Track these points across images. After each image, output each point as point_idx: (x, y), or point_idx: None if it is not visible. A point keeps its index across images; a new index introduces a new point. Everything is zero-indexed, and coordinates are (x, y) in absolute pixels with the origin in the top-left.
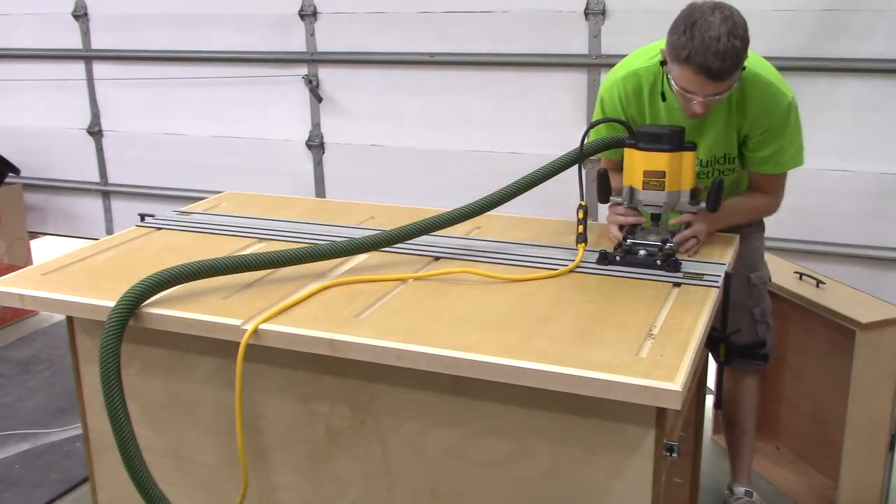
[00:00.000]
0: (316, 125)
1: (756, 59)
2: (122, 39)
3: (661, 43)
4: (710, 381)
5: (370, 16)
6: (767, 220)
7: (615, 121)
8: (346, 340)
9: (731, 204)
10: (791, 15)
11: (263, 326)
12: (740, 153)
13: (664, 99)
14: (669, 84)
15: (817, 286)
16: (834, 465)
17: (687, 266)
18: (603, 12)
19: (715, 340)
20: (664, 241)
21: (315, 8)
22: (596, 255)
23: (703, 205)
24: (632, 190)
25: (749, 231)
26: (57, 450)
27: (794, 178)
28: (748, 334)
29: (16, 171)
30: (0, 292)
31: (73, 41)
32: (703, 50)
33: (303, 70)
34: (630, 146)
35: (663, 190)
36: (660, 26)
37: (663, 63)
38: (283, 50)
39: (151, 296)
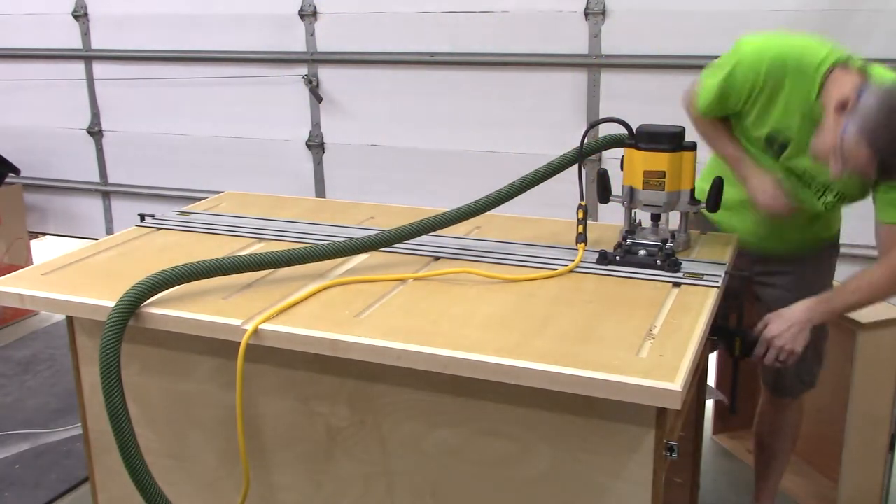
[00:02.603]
0: (316, 125)
1: None
2: (122, 39)
3: (831, 49)
4: (710, 381)
5: (370, 16)
6: None
7: (615, 120)
8: (346, 340)
9: (846, 285)
10: (791, 15)
11: (263, 326)
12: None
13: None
14: (819, 105)
15: None
16: (834, 465)
17: (687, 266)
18: (603, 12)
19: (730, 335)
20: (664, 241)
21: (315, 8)
22: (596, 255)
23: (702, 204)
24: (632, 190)
25: (820, 252)
26: (57, 450)
27: None
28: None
29: (16, 171)
30: (0, 292)
31: (73, 41)
32: (891, 156)
33: (303, 70)
34: (630, 146)
35: (663, 190)
36: (660, 26)
37: (843, 106)
38: (283, 50)
39: (151, 296)
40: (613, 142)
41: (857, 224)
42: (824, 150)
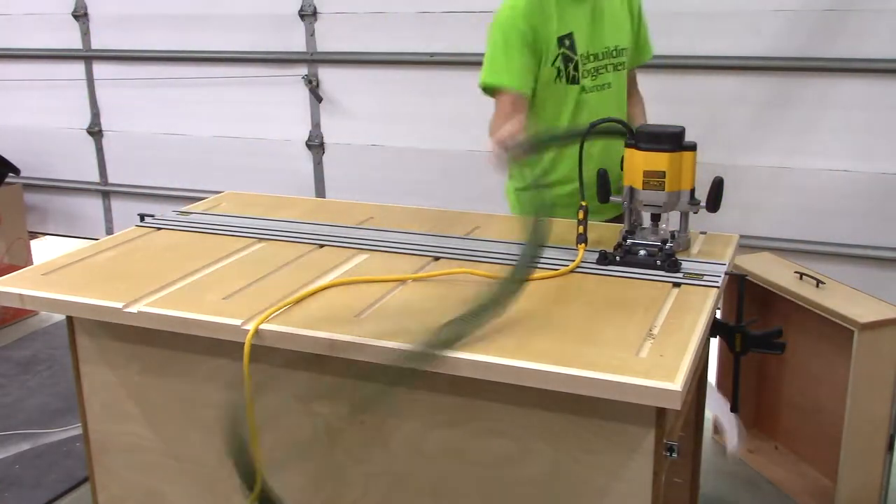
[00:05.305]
0: (316, 125)
1: None
2: (122, 39)
3: None
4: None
5: (370, 16)
6: (770, 220)
7: (615, 121)
8: (346, 340)
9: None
10: (791, 15)
11: (263, 326)
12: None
13: None
14: None
15: (817, 286)
16: (833, 465)
17: (687, 266)
18: None
19: (730, 330)
20: (664, 241)
21: (315, 8)
22: (596, 256)
23: (703, 204)
24: (632, 190)
25: None
26: (57, 450)
27: (794, 177)
28: None
29: (16, 171)
30: (0, 292)
31: (73, 41)
32: None
33: (303, 70)
34: (630, 146)
35: (663, 190)
36: (658, 26)
37: None
38: (283, 50)
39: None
40: (612, 130)
41: (856, 224)
42: None
